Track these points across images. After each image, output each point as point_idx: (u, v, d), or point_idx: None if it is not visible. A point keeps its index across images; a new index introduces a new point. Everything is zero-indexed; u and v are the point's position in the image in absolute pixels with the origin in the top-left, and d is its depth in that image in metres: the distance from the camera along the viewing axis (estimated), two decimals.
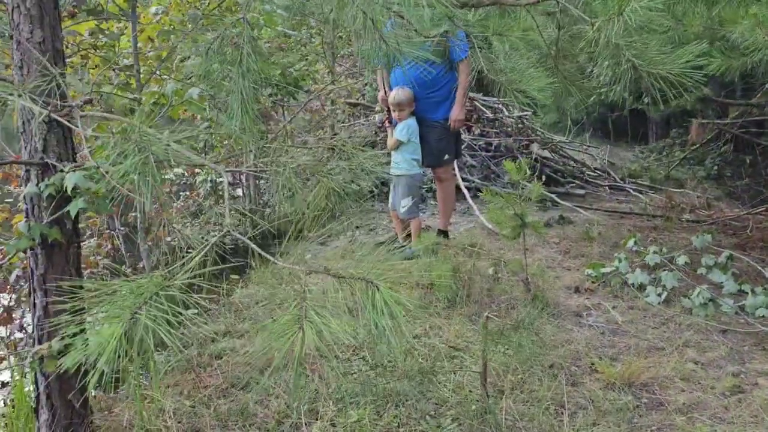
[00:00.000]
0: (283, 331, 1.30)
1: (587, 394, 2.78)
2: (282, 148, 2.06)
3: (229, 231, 1.37)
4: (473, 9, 2.58)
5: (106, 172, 1.42)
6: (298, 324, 1.28)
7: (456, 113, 4.40)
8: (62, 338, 1.92)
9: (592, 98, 8.15)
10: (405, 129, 4.39)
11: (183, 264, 1.38)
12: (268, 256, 1.38)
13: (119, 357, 1.18)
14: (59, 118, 1.76)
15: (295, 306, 1.30)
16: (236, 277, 4.59)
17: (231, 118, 1.75)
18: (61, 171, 2.21)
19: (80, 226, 4.40)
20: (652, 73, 1.93)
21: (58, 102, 1.91)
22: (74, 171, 2.14)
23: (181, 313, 1.34)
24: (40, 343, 2.35)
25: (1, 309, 3.68)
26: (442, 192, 4.80)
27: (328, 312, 1.30)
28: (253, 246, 1.41)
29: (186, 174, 6.90)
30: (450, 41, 2.82)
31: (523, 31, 2.34)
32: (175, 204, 6.33)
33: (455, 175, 5.99)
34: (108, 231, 4.83)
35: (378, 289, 1.25)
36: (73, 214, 2.27)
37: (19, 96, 1.45)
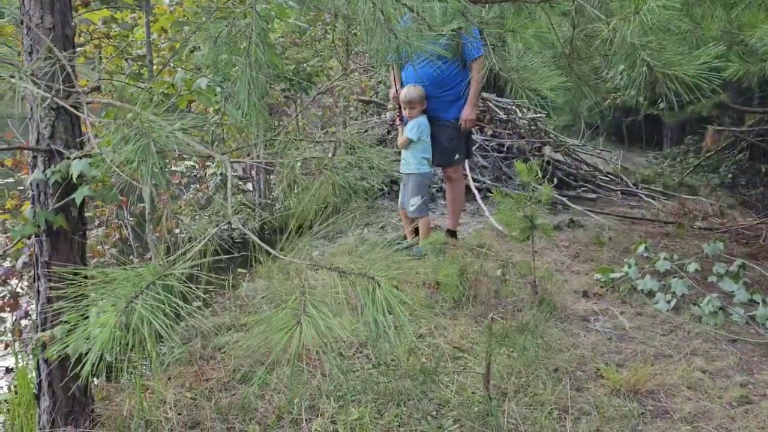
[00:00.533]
0: (282, 325, 1.28)
1: (591, 399, 2.74)
2: (289, 140, 2.04)
3: (230, 221, 1.35)
4: (488, 6, 2.55)
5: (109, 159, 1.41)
6: (297, 318, 1.26)
7: (467, 113, 4.36)
8: (63, 324, 1.91)
9: (607, 102, 8.09)
10: (416, 127, 4.36)
11: (183, 253, 1.36)
12: (267, 248, 1.36)
13: (113, 346, 1.17)
14: (64, 104, 1.75)
15: (294, 300, 1.28)
16: (243, 270, 4.58)
17: (237, 108, 1.74)
18: (68, 158, 2.21)
19: (89, 215, 4.42)
20: (668, 74, 1.89)
21: (61, 87, 1.90)
22: (80, 158, 2.13)
23: (180, 306, 1.32)
24: (43, 329, 2.35)
25: (8, 295, 3.69)
26: (451, 192, 4.77)
27: (326, 307, 1.27)
28: (254, 237, 1.39)
29: (197, 167, 6.91)
30: (464, 38, 2.78)
31: (537, 29, 2.31)
32: (184, 196, 6.32)
33: (466, 175, 5.96)
34: (117, 221, 4.83)
35: (378, 285, 1.22)
36: (78, 201, 2.27)
37: (20, 78, 1.43)
